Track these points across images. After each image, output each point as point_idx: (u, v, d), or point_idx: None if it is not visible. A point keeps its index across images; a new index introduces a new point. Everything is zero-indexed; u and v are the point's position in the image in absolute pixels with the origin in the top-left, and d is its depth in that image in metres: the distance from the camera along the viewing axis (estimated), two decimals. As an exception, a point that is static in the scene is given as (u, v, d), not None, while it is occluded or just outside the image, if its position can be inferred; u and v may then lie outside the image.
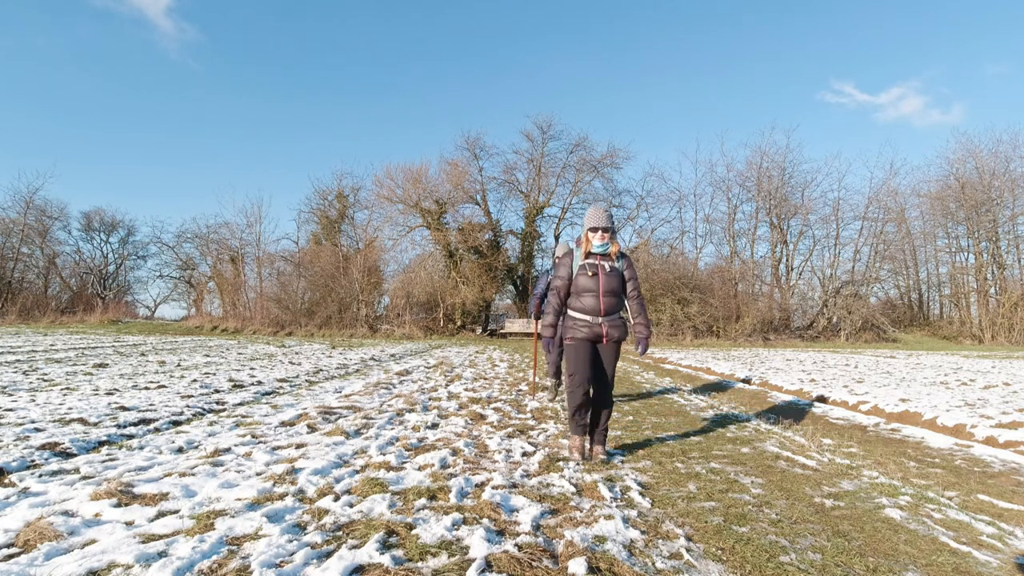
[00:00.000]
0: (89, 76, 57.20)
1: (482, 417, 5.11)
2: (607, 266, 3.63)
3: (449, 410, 5.45)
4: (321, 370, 9.35)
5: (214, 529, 2.25)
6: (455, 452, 3.71)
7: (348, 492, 2.79)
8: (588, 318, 3.63)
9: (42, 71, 54.39)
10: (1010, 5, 53.43)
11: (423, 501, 2.67)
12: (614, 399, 4.32)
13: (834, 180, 37.38)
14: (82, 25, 55.50)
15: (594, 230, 3.63)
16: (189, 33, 59.82)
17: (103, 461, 3.27)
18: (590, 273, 3.61)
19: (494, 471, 3.26)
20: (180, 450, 3.63)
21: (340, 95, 63.28)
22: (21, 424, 4.16)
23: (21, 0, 49.68)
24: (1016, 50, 54.30)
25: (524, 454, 3.75)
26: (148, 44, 58.64)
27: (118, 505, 2.49)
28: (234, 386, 6.84)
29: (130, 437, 3.99)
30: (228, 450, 3.61)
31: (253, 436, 4.07)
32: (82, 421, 4.33)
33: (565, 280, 3.70)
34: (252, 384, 7.11)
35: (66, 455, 3.43)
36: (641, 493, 2.98)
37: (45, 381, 6.79)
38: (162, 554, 2.01)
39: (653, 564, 2.10)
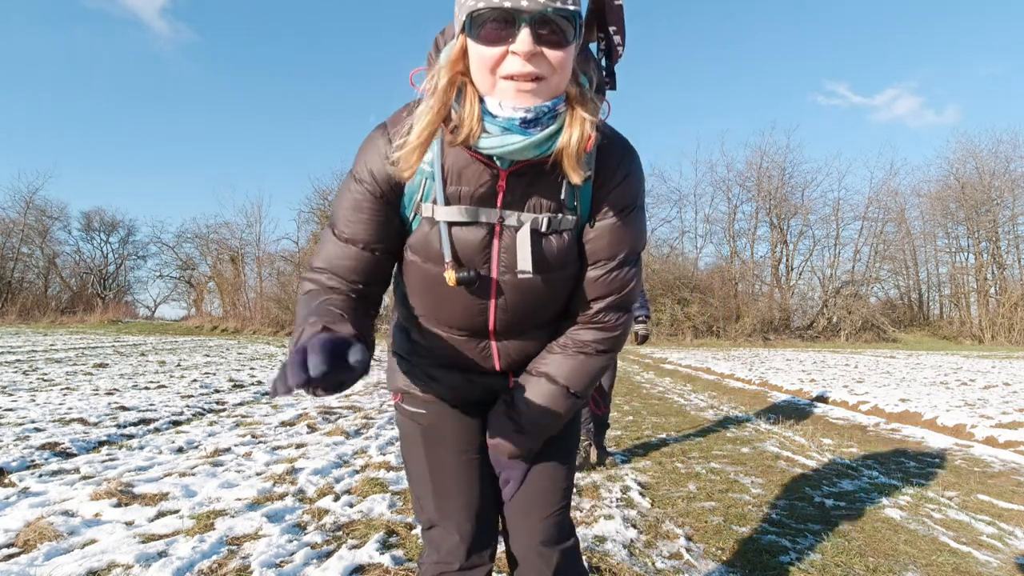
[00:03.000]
0: (87, 77, 57.07)
1: (482, 417, 5.11)
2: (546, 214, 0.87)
3: (449, 410, 5.44)
4: (321, 370, 9.34)
5: (214, 529, 2.25)
6: (455, 452, 3.71)
7: (348, 492, 2.79)
8: (453, 335, 1.02)
9: (41, 72, 54.39)
10: (1004, 6, 53.41)
11: (423, 501, 2.67)
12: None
13: (834, 180, 37.36)
14: (77, 26, 55.39)
15: (489, 29, 0.70)
16: (184, 34, 59.64)
17: (103, 461, 3.27)
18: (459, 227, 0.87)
19: (494, 471, 3.26)
20: (180, 450, 3.63)
21: (340, 94, 63.27)
22: (21, 424, 4.16)
23: (14, 3, 49.63)
24: (1010, 51, 54.23)
25: (524, 454, 3.75)
26: (143, 44, 58.46)
27: (118, 505, 2.49)
28: (234, 386, 6.84)
29: (130, 437, 3.99)
30: (228, 450, 3.61)
31: (253, 436, 4.07)
32: (82, 421, 4.33)
33: (362, 238, 0.91)
34: (252, 384, 7.11)
35: (66, 455, 3.43)
36: (641, 493, 2.98)
37: (45, 381, 6.79)
38: (162, 554, 2.01)
39: (653, 564, 2.11)
